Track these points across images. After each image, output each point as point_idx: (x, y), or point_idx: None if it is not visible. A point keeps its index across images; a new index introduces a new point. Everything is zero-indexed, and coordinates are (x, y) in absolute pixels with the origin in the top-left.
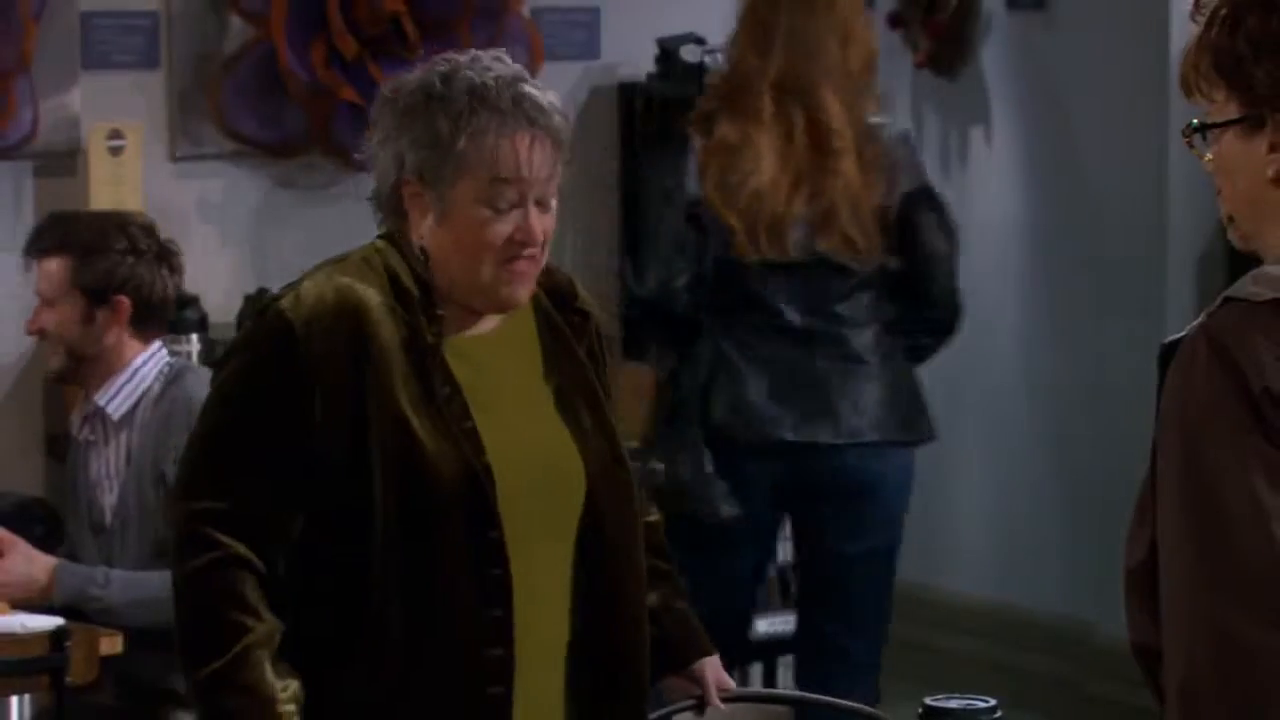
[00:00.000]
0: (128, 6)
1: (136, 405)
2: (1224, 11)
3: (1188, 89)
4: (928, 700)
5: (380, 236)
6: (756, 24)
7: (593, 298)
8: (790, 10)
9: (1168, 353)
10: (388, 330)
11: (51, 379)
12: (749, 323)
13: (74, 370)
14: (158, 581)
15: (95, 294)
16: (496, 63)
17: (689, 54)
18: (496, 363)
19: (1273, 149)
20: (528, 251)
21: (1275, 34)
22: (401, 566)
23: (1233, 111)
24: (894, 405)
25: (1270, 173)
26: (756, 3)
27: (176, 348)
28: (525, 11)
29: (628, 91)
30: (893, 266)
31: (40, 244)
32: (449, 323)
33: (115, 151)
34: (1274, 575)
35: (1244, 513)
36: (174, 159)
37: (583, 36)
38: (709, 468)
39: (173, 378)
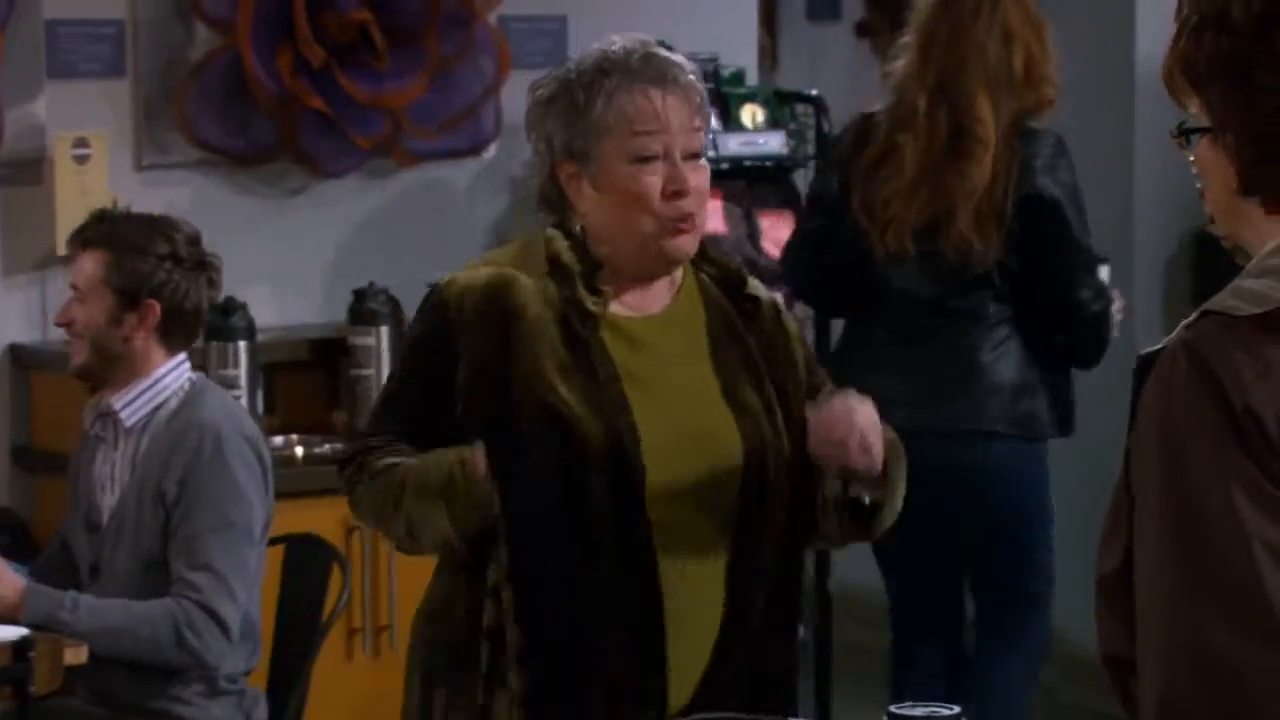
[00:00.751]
0: (93, 15)
1: (151, 415)
2: (1192, 20)
3: (1169, 90)
4: (892, 708)
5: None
6: (920, 32)
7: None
8: (951, 16)
9: (1144, 365)
10: (538, 305)
11: (75, 374)
12: (872, 316)
13: (97, 368)
14: (121, 610)
15: (126, 295)
16: (627, 38)
17: None
18: (659, 342)
19: (1231, 163)
20: (684, 202)
21: (1226, 55)
22: (547, 524)
23: (1204, 119)
24: (1003, 399)
25: (1233, 185)
26: (920, 12)
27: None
28: (493, 20)
29: None
30: (1014, 266)
31: (83, 235)
32: (615, 297)
33: (81, 160)
34: (1255, 591)
35: (1225, 529)
36: (140, 167)
37: (550, 45)
38: None
39: (192, 396)
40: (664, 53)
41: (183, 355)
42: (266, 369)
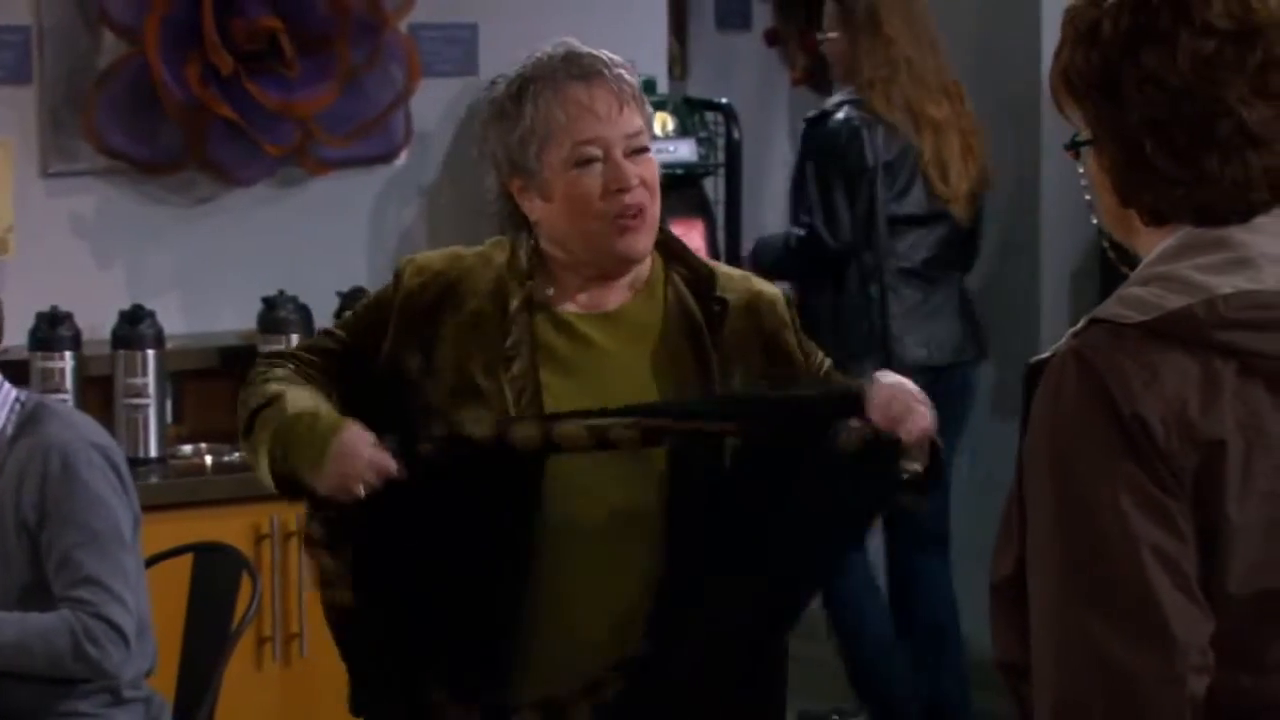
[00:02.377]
0: None
1: None
2: (1069, 35)
3: (1055, 102)
4: (800, 709)
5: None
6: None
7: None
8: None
9: (1033, 372)
10: (486, 289)
11: None
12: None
13: None
14: (16, 624)
15: None
16: (548, 46)
17: None
18: (600, 339)
19: (1110, 175)
20: (629, 198)
21: (1098, 70)
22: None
23: (1088, 132)
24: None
25: (1115, 197)
26: None
27: (49, 364)
28: (403, 27)
29: None
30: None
31: None
32: (567, 295)
33: None
34: (1145, 596)
35: (1114, 535)
36: (46, 175)
37: (460, 53)
38: None
39: (29, 418)
40: (585, 49)
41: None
42: (175, 377)
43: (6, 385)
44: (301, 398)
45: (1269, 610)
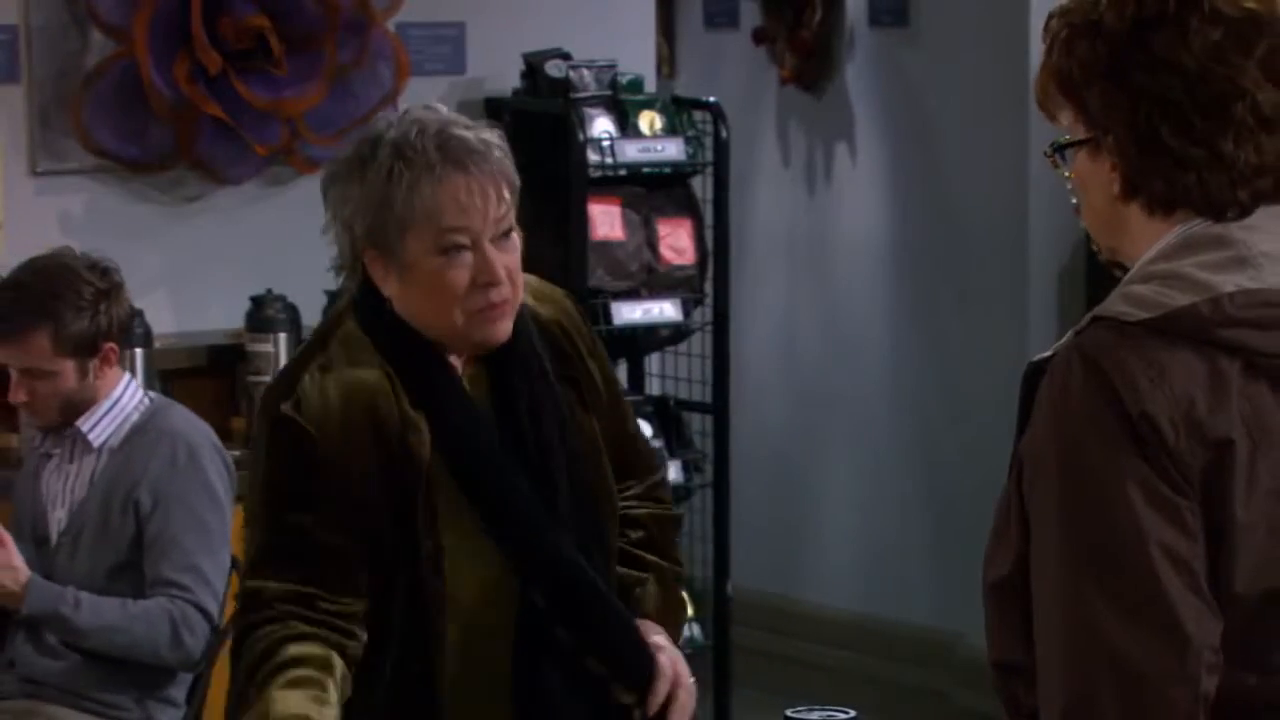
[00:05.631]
0: None
1: (115, 432)
2: (1062, 35)
3: (1042, 109)
4: (788, 712)
5: (339, 309)
6: None
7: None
8: None
9: (1034, 372)
10: (388, 404)
11: (42, 429)
12: None
13: (70, 417)
14: (119, 608)
15: (85, 349)
16: (425, 112)
17: (554, 69)
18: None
19: (1114, 168)
20: (494, 292)
21: (1101, 59)
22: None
23: (1080, 132)
24: None
25: (1115, 190)
26: None
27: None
28: (391, 26)
29: (494, 106)
30: None
31: (8, 325)
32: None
33: None
34: (1156, 597)
35: (1125, 535)
36: (34, 174)
37: (448, 51)
38: None
39: (156, 410)
40: (463, 134)
41: (126, 372)
42: (164, 376)
43: (135, 383)
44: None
45: (1275, 609)
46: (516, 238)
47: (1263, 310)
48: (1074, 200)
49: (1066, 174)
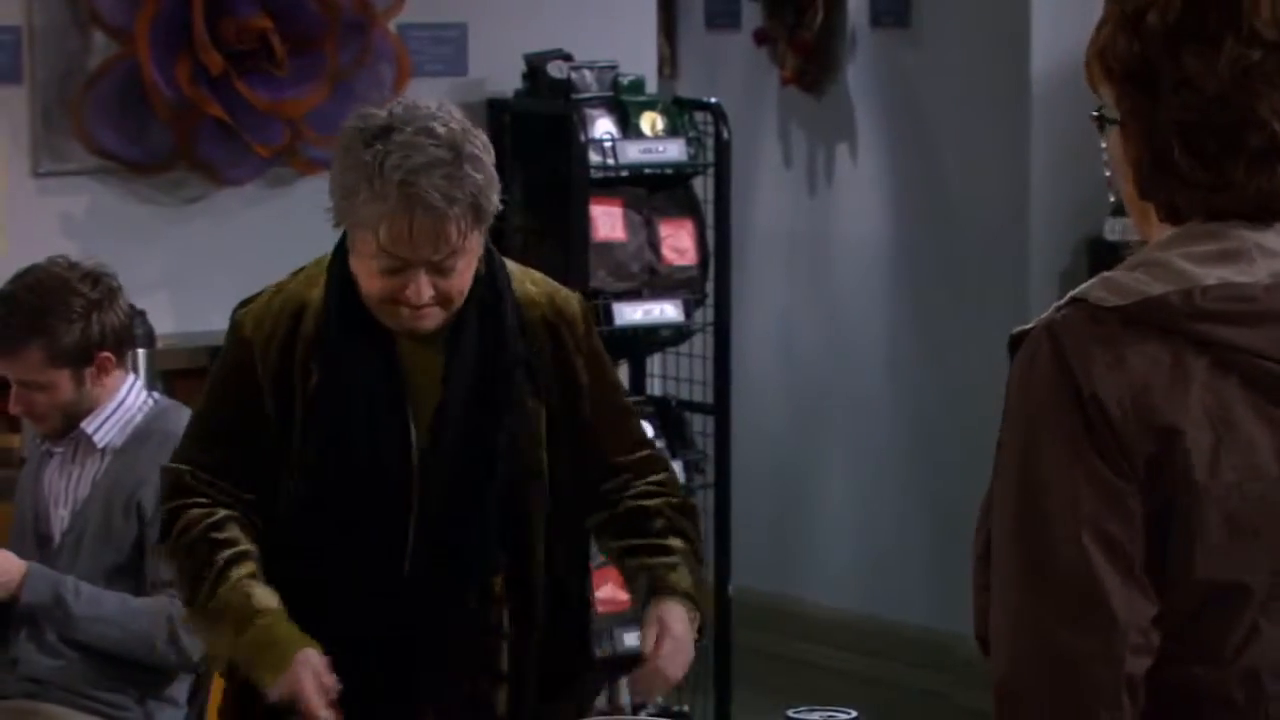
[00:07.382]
0: None
1: (119, 433)
2: (1115, 13)
3: (1087, 75)
4: (789, 712)
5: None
6: None
7: None
8: None
9: (1016, 342)
10: (314, 323)
11: (46, 436)
12: None
13: (72, 422)
14: (118, 601)
15: (79, 360)
16: (421, 137)
17: (555, 70)
18: (417, 362)
19: (1134, 163)
20: (410, 314)
21: (1138, 59)
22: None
23: (1114, 112)
24: None
25: (1131, 186)
26: None
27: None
28: (392, 28)
29: (495, 107)
30: None
31: (1, 342)
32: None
33: None
34: (1085, 578)
35: (1062, 514)
36: (36, 174)
37: (450, 52)
38: None
39: (159, 412)
40: (437, 180)
41: (130, 373)
42: (165, 376)
43: (139, 384)
44: (265, 597)
45: (1227, 601)
46: (467, 265)
47: (1237, 304)
48: (1106, 173)
49: (1103, 145)
